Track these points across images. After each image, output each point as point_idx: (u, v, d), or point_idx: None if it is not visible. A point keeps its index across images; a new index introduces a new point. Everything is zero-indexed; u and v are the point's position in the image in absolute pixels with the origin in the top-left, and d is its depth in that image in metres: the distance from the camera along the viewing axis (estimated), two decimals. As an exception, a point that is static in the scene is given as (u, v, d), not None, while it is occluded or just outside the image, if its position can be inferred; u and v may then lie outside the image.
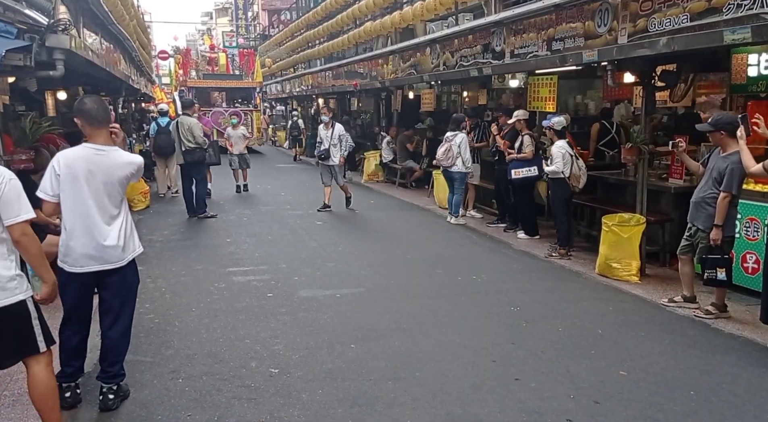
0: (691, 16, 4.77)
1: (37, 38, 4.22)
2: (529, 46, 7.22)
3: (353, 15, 14.27)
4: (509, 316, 5.02)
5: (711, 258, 4.66)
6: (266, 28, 33.81)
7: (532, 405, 3.47)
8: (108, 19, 7.17)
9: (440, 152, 8.85)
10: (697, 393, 3.61)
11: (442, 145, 8.90)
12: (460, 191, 8.97)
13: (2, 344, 2.73)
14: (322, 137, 9.98)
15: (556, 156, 6.73)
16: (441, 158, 8.85)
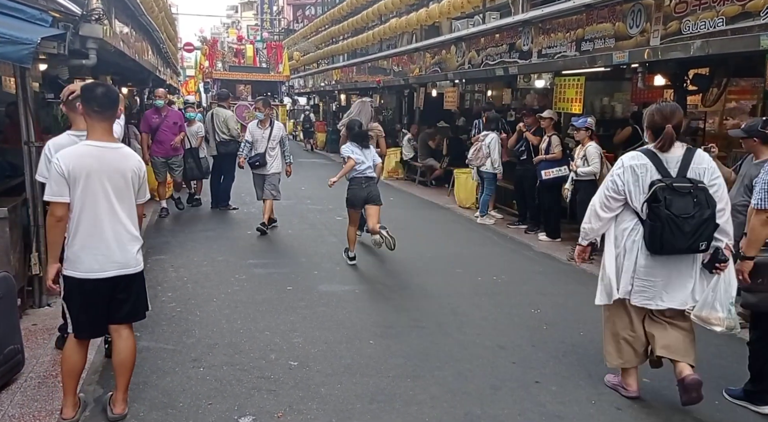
0: (726, 19, 4.68)
1: (71, 27, 4.28)
2: (557, 46, 7.14)
3: (378, 11, 14.27)
4: (529, 318, 4.98)
5: (740, 267, 4.54)
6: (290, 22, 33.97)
7: (552, 408, 3.43)
8: (138, 10, 7.26)
9: (471, 151, 8.86)
10: (722, 402, 3.56)
11: (474, 144, 8.90)
12: (489, 191, 8.94)
13: (123, 306, 3.10)
14: (255, 138, 7.73)
15: (594, 156, 6.61)
16: (471, 158, 8.85)
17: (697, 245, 3.22)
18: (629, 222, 3.41)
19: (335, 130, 21.42)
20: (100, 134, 2.97)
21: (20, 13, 3.98)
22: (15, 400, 3.35)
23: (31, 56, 3.58)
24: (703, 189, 3.24)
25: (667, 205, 3.20)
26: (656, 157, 3.33)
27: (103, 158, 2.96)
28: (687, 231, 3.17)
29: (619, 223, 3.46)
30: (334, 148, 20.15)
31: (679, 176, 3.27)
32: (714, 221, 3.23)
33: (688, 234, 3.18)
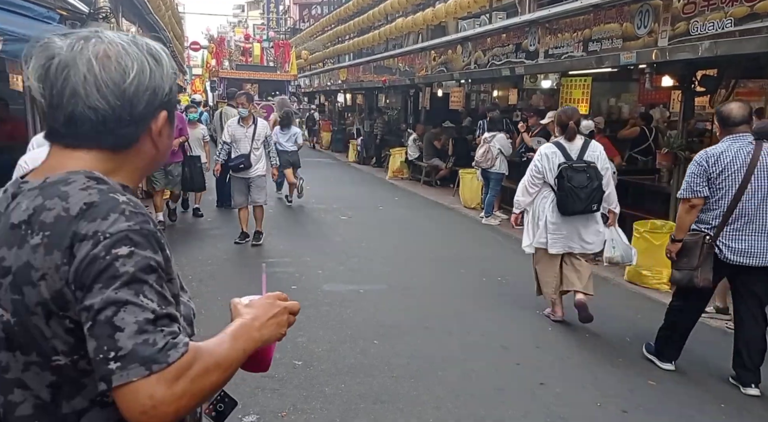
0: (735, 20, 4.65)
1: (78, 25, 4.29)
2: (564, 47, 7.11)
3: (385, 11, 14.27)
4: (535, 319, 4.96)
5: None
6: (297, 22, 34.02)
7: (557, 410, 3.41)
8: (146, 8, 7.27)
9: (479, 153, 8.79)
10: (729, 405, 3.52)
11: (480, 146, 8.85)
12: (495, 192, 8.92)
13: None
14: (237, 137, 6.89)
15: None
16: (480, 160, 8.79)
17: (590, 207, 4.48)
18: (545, 194, 4.66)
19: (340, 129, 21.54)
20: None
21: (28, 11, 4.00)
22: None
23: (39, 54, 3.59)
24: (593, 167, 4.48)
25: (568, 179, 4.42)
26: (563, 146, 4.59)
27: None
28: (582, 198, 4.42)
29: (539, 198, 4.69)
30: (339, 147, 20.22)
31: (578, 159, 4.52)
32: (601, 189, 4.47)
33: (583, 200, 4.43)
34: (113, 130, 0.98)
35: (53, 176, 0.95)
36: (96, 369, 0.86)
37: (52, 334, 0.90)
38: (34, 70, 0.96)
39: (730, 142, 3.65)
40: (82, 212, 0.90)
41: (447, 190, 11.97)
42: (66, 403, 0.93)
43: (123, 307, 0.86)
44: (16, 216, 0.93)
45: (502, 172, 8.67)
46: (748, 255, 3.58)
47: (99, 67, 0.95)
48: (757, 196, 3.55)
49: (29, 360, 0.92)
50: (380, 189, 12.70)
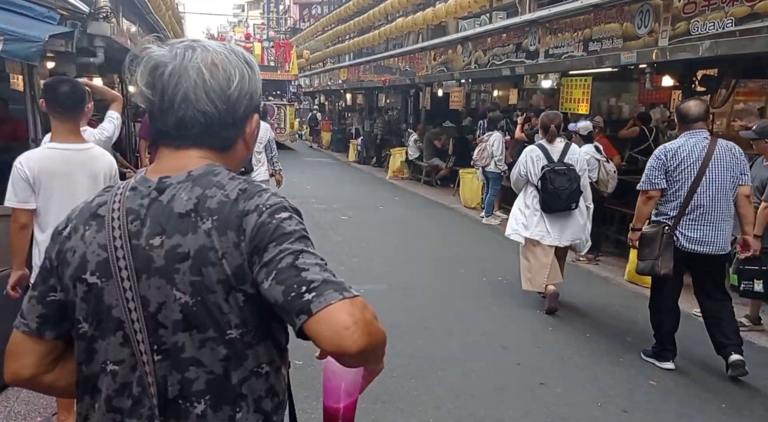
0: (735, 20, 4.64)
1: (79, 25, 4.29)
2: (564, 46, 7.11)
3: (385, 10, 14.27)
4: (535, 319, 4.96)
5: (748, 269, 4.51)
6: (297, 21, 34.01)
7: (557, 410, 3.41)
8: (146, 8, 7.27)
9: (476, 152, 8.86)
10: (729, 405, 3.52)
11: (478, 144, 8.90)
12: (495, 191, 8.92)
13: None
14: None
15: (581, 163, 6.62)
16: (476, 158, 8.86)
17: (569, 206, 4.91)
18: (531, 192, 5.05)
19: (341, 129, 21.54)
20: (65, 136, 2.73)
21: (28, 11, 4.00)
22: (21, 397, 3.36)
23: (39, 54, 3.59)
24: (573, 169, 4.88)
25: (551, 181, 4.84)
26: (545, 148, 4.97)
27: (69, 161, 2.72)
28: (563, 198, 4.85)
29: (527, 193, 5.10)
30: (340, 147, 20.23)
31: (559, 162, 4.89)
32: (579, 190, 4.92)
33: (564, 200, 4.85)
34: (218, 132, 1.07)
35: (196, 170, 1.04)
36: (288, 310, 0.94)
37: (229, 309, 0.99)
38: (143, 78, 1.05)
39: (687, 137, 3.85)
40: (239, 196, 1.01)
41: (447, 189, 11.97)
42: (234, 374, 1.02)
43: (300, 254, 0.97)
44: (181, 206, 1.01)
45: (497, 170, 8.68)
46: (703, 243, 3.80)
47: (208, 75, 1.03)
48: (712, 188, 3.76)
49: (205, 337, 1.00)
50: (380, 189, 12.71)
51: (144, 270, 1.00)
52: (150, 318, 1.00)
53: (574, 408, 3.44)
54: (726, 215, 3.81)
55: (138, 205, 1.03)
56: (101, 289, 1.02)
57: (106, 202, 1.06)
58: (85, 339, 1.04)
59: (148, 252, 1.00)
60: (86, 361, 1.05)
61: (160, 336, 1.00)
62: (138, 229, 1.01)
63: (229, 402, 1.01)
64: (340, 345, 0.91)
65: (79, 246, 1.03)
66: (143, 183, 1.05)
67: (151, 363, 1.00)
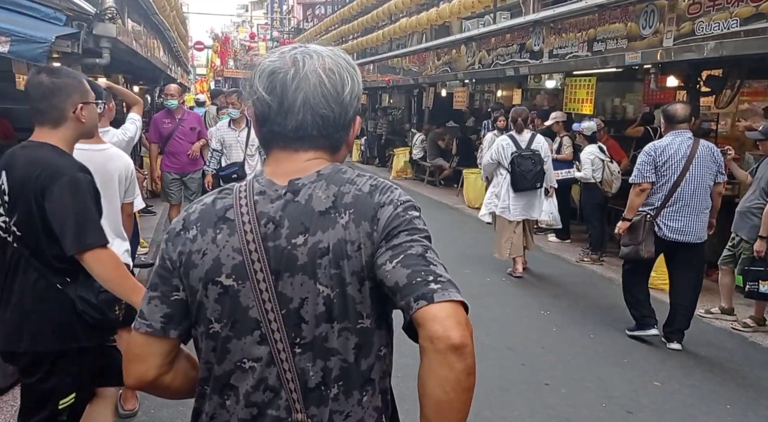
0: (740, 20, 4.63)
1: (85, 26, 4.31)
2: (568, 47, 7.11)
3: (389, 11, 14.26)
4: (539, 320, 4.96)
5: (753, 270, 4.51)
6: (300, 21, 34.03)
7: (562, 411, 3.42)
8: (151, 9, 7.30)
9: (480, 152, 8.91)
10: (734, 407, 3.51)
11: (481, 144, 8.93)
12: None
13: None
14: (228, 143, 6.03)
15: (584, 162, 6.65)
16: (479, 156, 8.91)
17: (535, 185, 5.89)
18: (502, 175, 6.00)
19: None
20: None
21: (35, 12, 4.02)
22: (27, 396, 3.37)
23: (46, 55, 3.61)
24: (538, 154, 5.82)
25: (518, 165, 5.80)
26: (514, 137, 5.94)
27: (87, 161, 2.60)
28: (529, 179, 5.82)
29: (499, 178, 6.05)
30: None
31: (527, 149, 5.83)
32: (543, 172, 5.87)
33: (530, 181, 5.83)
34: (332, 134, 1.11)
35: (324, 169, 1.08)
36: (407, 293, 0.98)
37: (361, 299, 1.04)
38: (261, 83, 1.07)
39: (673, 137, 4.23)
40: (372, 190, 1.07)
41: (451, 189, 11.97)
42: (364, 360, 1.07)
43: (429, 249, 1.04)
44: (320, 205, 1.05)
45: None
46: (682, 233, 4.20)
47: (326, 79, 1.07)
48: (693, 183, 4.17)
49: (342, 327, 1.04)
50: (384, 189, 12.70)
51: (286, 269, 1.03)
52: (292, 314, 1.04)
53: (579, 409, 3.44)
54: (704, 207, 4.23)
55: (270, 209, 1.06)
56: (237, 291, 1.05)
57: (231, 206, 1.08)
58: (216, 339, 1.07)
59: (291, 252, 1.03)
60: (218, 361, 1.08)
61: (301, 330, 1.04)
62: (273, 231, 1.04)
63: (358, 387, 1.07)
64: (446, 333, 0.95)
65: (210, 249, 1.06)
66: (270, 186, 1.08)
67: (291, 358, 1.04)
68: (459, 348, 0.95)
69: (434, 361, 0.96)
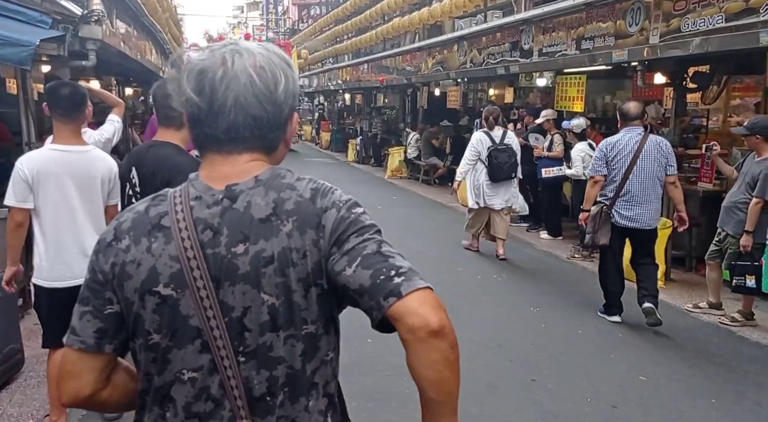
0: (727, 16, 4.65)
1: (71, 28, 4.32)
2: (558, 45, 7.13)
3: (381, 10, 14.29)
4: (528, 316, 4.98)
5: (740, 264, 4.55)
6: (295, 22, 34.03)
7: (548, 406, 3.44)
8: (140, 11, 7.30)
9: None
10: (719, 401, 3.54)
11: None
12: None
13: None
14: None
15: (575, 159, 6.69)
16: None
17: (510, 176, 6.57)
18: (480, 168, 6.65)
19: (340, 128, 21.58)
20: (66, 137, 2.80)
21: (20, 15, 4.02)
22: (14, 399, 3.39)
23: (31, 58, 3.61)
24: (511, 148, 6.57)
25: (495, 157, 6.50)
26: (489, 134, 6.62)
27: (69, 163, 2.78)
28: (505, 170, 6.49)
29: (477, 171, 6.68)
30: (339, 146, 20.27)
31: (501, 143, 6.53)
32: (516, 163, 6.61)
33: (505, 171, 6.51)
34: (266, 135, 1.08)
35: (262, 174, 1.06)
36: (375, 293, 0.99)
37: (306, 305, 1.03)
38: (189, 83, 1.03)
39: (624, 133, 4.62)
40: (313, 195, 1.05)
41: (445, 188, 11.98)
42: (308, 365, 1.06)
43: (383, 243, 1.04)
44: (260, 212, 1.03)
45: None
46: (634, 220, 4.59)
47: (257, 78, 1.03)
48: (641, 175, 4.52)
49: (288, 335, 1.03)
50: (379, 188, 12.73)
51: (226, 277, 1.01)
52: (234, 323, 1.02)
53: (565, 404, 3.47)
54: (653, 197, 4.57)
55: (207, 215, 1.03)
56: (177, 300, 1.02)
57: (166, 212, 1.04)
58: (156, 350, 1.04)
59: (232, 261, 1.01)
60: (158, 372, 1.05)
61: (244, 339, 1.02)
62: (211, 238, 1.02)
63: (304, 392, 1.06)
64: (425, 319, 0.97)
65: (145, 259, 1.03)
66: (206, 191, 1.05)
67: (235, 366, 1.02)
68: (439, 331, 0.98)
69: (420, 349, 0.99)
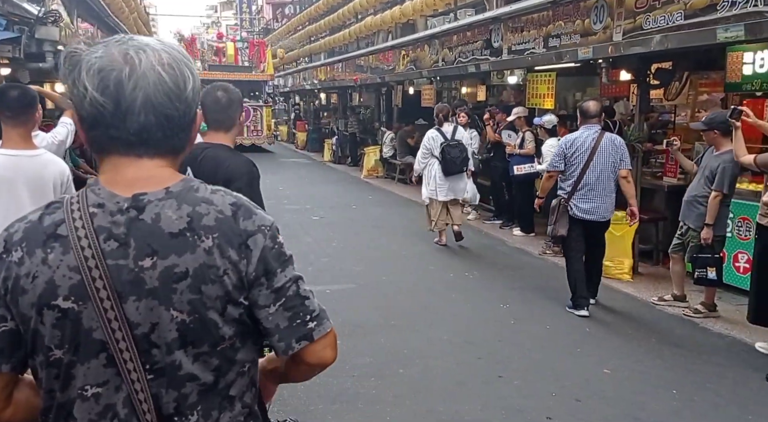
0: (686, 14, 4.73)
1: (26, 30, 4.22)
2: (527, 43, 7.19)
3: (354, 9, 14.26)
4: (498, 313, 5.02)
5: (701, 257, 4.64)
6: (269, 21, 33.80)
7: (513, 402, 3.47)
8: (104, 11, 7.17)
9: None
10: (681, 392, 3.60)
11: None
12: None
13: None
14: None
15: (546, 154, 6.75)
16: None
17: (461, 170, 6.97)
18: (433, 162, 6.99)
19: (316, 128, 21.46)
20: (15, 141, 2.71)
21: (-27, 17, 3.93)
22: None
23: (-18, 61, 3.53)
24: (461, 143, 6.93)
25: (447, 152, 6.83)
26: (441, 130, 6.97)
27: (20, 167, 2.70)
28: (458, 163, 6.86)
29: (431, 167, 7.01)
30: (315, 146, 20.15)
31: (452, 139, 6.89)
32: (467, 158, 6.97)
33: (457, 165, 6.87)
34: (177, 134, 1.03)
35: (174, 186, 1.01)
36: (289, 334, 1.05)
37: (223, 323, 1.01)
38: (90, 82, 0.95)
39: (583, 130, 4.90)
40: (234, 213, 1.02)
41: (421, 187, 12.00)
42: (222, 380, 1.04)
43: (299, 280, 1.07)
44: (172, 226, 0.98)
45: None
46: (590, 212, 4.86)
47: (166, 76, 0.98)
48: (597, 170, 4.81)
49: (199, 352, 1.00)
50: (355, 188, 12.71)
51: (132, 292, 0.96)
52: (142, 339, 0.97)
53: (530, 399, 3.50)
54: (608, 191, 4.86)
55: (110, 223, 0.97)
56: (78, 313, 0.96)
57: (63, 221, 0.97)
58: (58, 366, 0.98)
59: (138, 275, 0.96)
60: (61, 388, 1.00)
61: (152, 356, 0.98)
62: (115, 249, 0.96)
63: (217, 406, 1.03)
64: (322, 360, 1.10)
65: (41, 271, 0.96)
66: (110, 198, 0.98)
67: (143, 380, 0.98)
68: (329, 365, 1.12)
69: (308, 374, 1.17)
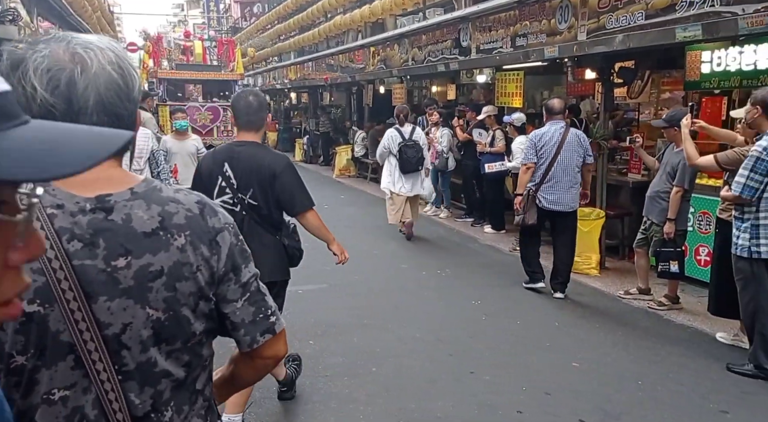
0: (647, 13, 4.86)
1: (-17, 31, 4.09)
2: (495, 42, 7.28)
3: (323, 8, 14.20)
4: (470, 310, 5.07)
5: (664, 251, 4.78)
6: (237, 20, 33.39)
7: (484, 398, 3.51)
8: (66, 10, 7.00)
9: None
10: (645, 383, 3.70)
11: None
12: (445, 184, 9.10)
13: None
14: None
15: (516, 152, 6.85)
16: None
17: (417, 168, 7.22)
18: (392, 161, 7.29)
19: (286, 128, 21.31)
20: None
21: (-76, 17, 3.79)
22: None
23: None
24: (418, 143, 7.19)
25: (404, 152, 7.14)
26: (399, 130, 7.24)
27: None
28: (413, 163, 7.16)
29: (390, 163, 7.33)
30: (286, 146, 20.01)
31: (410, 139, 7.16)
32: (423, 157, 7.25)
33: (413, 164, 7.17)
34: None
35: (137, 187, 1.02)
36: (253, 328, 1.10)
37: (195, 318, 1.04)
38: (39, 81, 0.92)
39: (550, 125, 5.19)
40: (201, 210, 1.06)
41: (392, 186, 12.04)
42: (191, 375, 1.06)
43: (257, 276, 1.13)
44: (144, 226, 0.99)
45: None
46: (557, 203, 5.15)
47: (116, 75, 0.98)
48: (563, 163, 5.11)
49: (172, 349, 1.02)
50: (327, 188, 12.65)
51: (103, 292, 0.96)
52: (112, 339, 0.96)
53: (500, 395, 3.55)
54: (573, 183, 5.17)
55: (71, 224, 0.95)
56: (44, 316, 0.94)
57: None
58: (21, 372, 0.95)
59: (111, 275, 0.96)
60: (22, 395, 0.96)
61: (122, 357, 0.98)
62: (79, 249, 0.95)
63: (187, 401, 1.06)
64: (278, 353, 1.17)
65: None
66: (69, 199, 0.96)
67: (114, 380, 0.97)
68: (281, 360, 1.19)
69: (261, 369, 1.21)
